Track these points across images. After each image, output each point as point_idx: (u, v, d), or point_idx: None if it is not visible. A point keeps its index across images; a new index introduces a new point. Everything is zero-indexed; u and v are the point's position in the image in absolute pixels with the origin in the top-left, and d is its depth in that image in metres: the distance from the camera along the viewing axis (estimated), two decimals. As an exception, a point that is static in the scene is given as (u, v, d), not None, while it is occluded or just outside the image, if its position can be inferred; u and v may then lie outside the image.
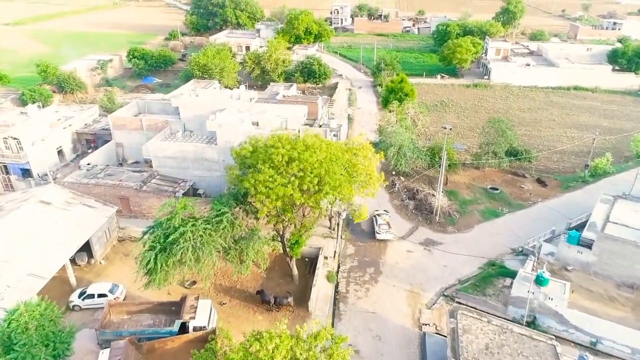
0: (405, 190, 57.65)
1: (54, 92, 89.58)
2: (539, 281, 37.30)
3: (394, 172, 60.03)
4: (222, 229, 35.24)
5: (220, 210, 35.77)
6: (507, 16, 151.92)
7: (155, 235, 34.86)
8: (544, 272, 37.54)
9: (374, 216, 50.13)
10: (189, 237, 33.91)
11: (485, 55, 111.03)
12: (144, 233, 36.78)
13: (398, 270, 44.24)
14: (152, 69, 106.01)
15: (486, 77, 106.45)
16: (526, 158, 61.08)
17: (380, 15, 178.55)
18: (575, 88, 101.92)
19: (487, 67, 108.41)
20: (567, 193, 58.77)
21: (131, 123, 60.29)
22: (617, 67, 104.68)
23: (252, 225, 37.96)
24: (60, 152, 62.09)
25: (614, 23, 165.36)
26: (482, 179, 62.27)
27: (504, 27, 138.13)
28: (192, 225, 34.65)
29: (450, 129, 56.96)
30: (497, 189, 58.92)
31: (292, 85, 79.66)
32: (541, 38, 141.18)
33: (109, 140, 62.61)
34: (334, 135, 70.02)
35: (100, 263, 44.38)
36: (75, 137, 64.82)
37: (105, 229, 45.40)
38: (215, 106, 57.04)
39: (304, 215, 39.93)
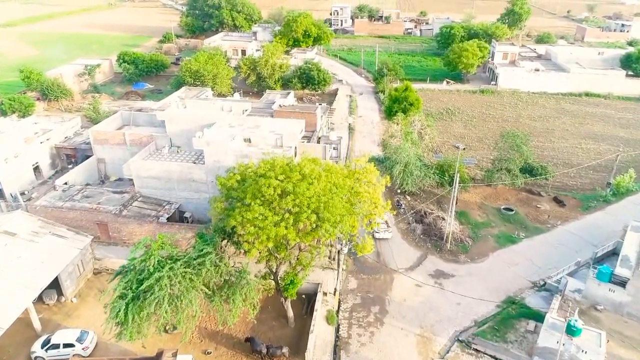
0: (411, 211, 52.80)
1: (38, 99, 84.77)
2: (570, 330, 32.49)
3: (399, 191, 55.17)
4: (205, 273, 30.36)
5: (202, 250, 30.86)
6: (512, 18, 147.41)
7: (127, 281, 29.97)
8: (575, 320, 32.70)
9: None
10: (166, 284, 29.02)
11: (492, 60, 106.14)
12: (117, 274, 31.92)
13: (406, 309, 39.39)
14: (143, 74, 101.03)
15: (493, 82, 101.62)
16: (543, 176, 56.14)
17: (381, 17, 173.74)
18: (587, 94, 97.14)
19: (494, 72, 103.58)
20: (587, 214, 53.94)
21: (113, 137, 55.41)
22: (630, 73, 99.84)
23: (242, 263, 33.02)
24: (36, 169, 57.29)
25: (622, 25, 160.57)
26: (495, 197, 57.44)
27: (510, 30, 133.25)
28: (170, 268, 29.76)
29: (464, 148, 52.31)
30: (511, 210, 54.09)
31: (289, 93, 74.80)
32: (548, 40, 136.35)
33: (91, 156, 57.79)
34: (334, 148, 65.27)
35: (72, 301, 39.50)
36: (54, 152, 60.00)
37: (78, 261, 40.52)
38: (204, 120, 52.20)
39: (300, 249, 35.09)
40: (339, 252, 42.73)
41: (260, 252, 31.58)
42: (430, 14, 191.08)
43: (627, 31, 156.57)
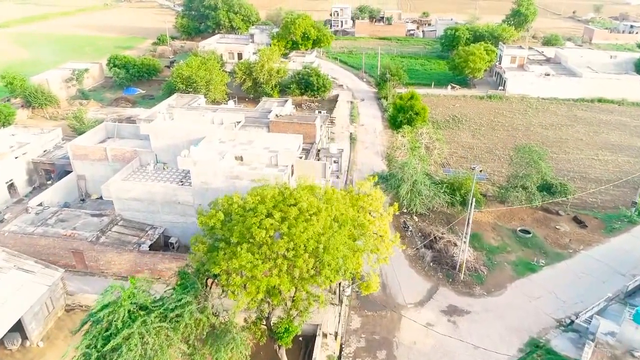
0: (420, 234, 48.23)
1: (22, 107, 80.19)
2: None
3: (405, 210, 50.54)
4: (184, 327, 25.81)
5: (181, 300, 26.27)
6: (518, 19, 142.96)
7: (92, 337, 25.41)
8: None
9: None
10: (136, 344, 24.46)
11: (500, 64, 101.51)
12: (83, 323, 27.38)
13: (417, 354, 34.80)
14: (134, 78, 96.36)
15: (501, 87, 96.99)
16: (563, 196, 51.52)
17: (383, 18, 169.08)
18: (600, 100, 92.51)
19: (501, 76, 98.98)
20: (612, 237, 49.35)
21: (94, 153, 50.81)
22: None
23: (228, 311, 28.43)
24: (11, 186, 52.72)
25: (631, 26, 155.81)
26: (509, 217, 52.82)
27: (516, 31, 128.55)
28: (143, 322, 25.20)
29: (480, 170, 47.67)
30: (528, 232, 49.50)
31: (286, 100, 70.18)
32: (556, 43, 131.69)
33: (72, 171, 53.21)
34: (335, 161, 60.74)
35: (38, 345, 34.92)
36: (32, 167, 55.43)
37: (46, 299, 35.96)
38: (192, 134, 47.62)
39: (296, 289, 30.49)
40: (340, 283, 38.17)
41: (248, 302, 26.97)
42: (432, 14, 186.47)
43: (637, 33, 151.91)
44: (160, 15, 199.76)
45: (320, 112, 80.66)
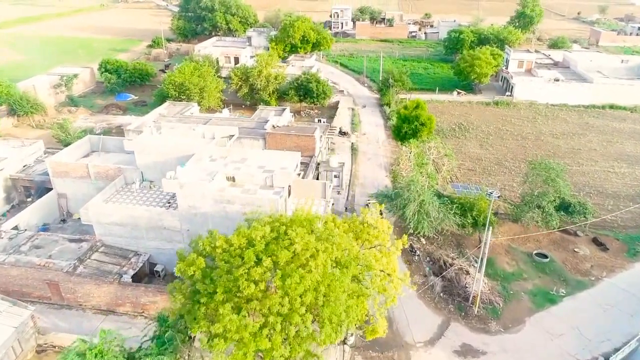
0: (428, 259, 44.43)
1: (7, 115, 76.34)
2: None
3: (412, 232, 46.66)
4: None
5: (156, 360, 22.49)
6: (523, 20, 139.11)
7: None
8: None
9: (366, 205, 49.91)
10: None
11: (506, 68, 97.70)
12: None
13: (428, 405, 31.04)
14: (126, 84, 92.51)
15: (508, 93, 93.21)
16: (581, 214, 47.68)
17: (384, 19, 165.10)
18: (612, 107, 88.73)
19: (508, 81, 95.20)
20: (636, 262, 45.51)
21: (75, 170, 46.96)
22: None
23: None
24: (-14, 206, 48.96)
25: (639, 28, 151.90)
26: (524, 238, 48.96)
27: (522, 33, 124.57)
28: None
29: (499, 196, 43.83)
30: (545, 257, 45.70)
31: (284, 109, 66.38)
32: (563, 45, 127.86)
33: (52, 188, 49.42)
34: (335, 176, 57.04)
35: (3, 396, 31.18)
36: (10, 184, 51.61)
37: (13, 342, 32.14)
38: (181, 150, 43.83)
39: (291, 349, 26.56)
40: (344, 342, 34.03)
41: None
42: (434, 15, 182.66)
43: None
44: (156, 17, 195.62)
45: (320, 120, 77.02)
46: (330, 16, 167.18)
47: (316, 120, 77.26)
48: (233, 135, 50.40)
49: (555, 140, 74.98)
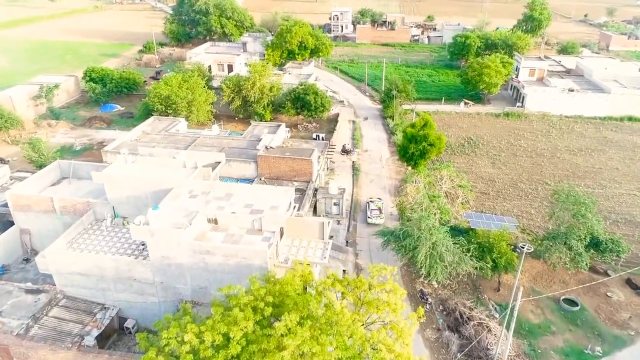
0: (441, 308, 38.72)
1: (-20, 129, 70.71)
2: None
3: (421, 276, 40.95)
4: None
5: None
6: (531, 24, 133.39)
7: None
8: None
9: (367, 202, 53.62)
10: None
11: (517, 77, 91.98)
12: None
13: None
14: (112, 94, 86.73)
15: (519, 104, 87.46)
16: (614, 253, 41.97)
17: (385, 22, 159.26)
18: (630, 119, 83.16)
19: (519, 91, 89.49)
20: (679, 310, 39.90)
21: (39, 203, 41.19)
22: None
23: None
24: (-61, 243, 43.08)
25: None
26: (548, 278, 43.34)
27: (529, 38, 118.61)
28: None
29: (530, 250, 37.97)
30: (575, 303, 40.00)
31: (279, 126, 60.61)
32: (573, 51, 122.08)
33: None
34: (335, 204, 51.31)
35: None
36: (-32, 216, 45.85)
37: None
38: (157, 184, 38.16)
39: None
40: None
41: None
42: (437, 17, 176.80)
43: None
44: (151, 19, 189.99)
45: (319, 136, 71.35)
46: (330, 19, 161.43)
47: (314, 135, 71.55)
48: (220, 162, 44.59)
49: (573, 158, 69.26)
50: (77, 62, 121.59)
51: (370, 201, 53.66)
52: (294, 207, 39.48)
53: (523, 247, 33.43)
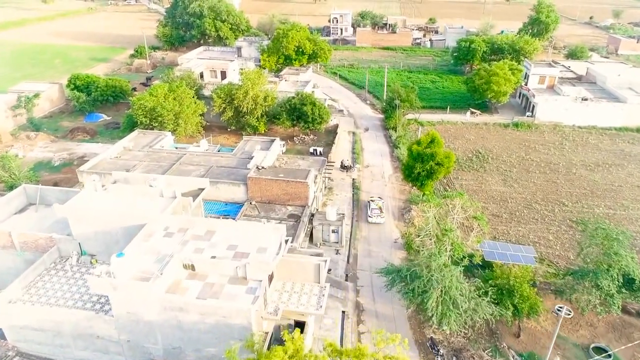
0: (454, 361, 33.77)
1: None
2: None
3: (432, 317, 35.88)
4: None
5: None
6: (537, 27, 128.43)
7: None
8: None
9: (368, 201, 53.48)
10: None
11: (526, 85, 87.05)
12: None
13: None
14: (97, 103, 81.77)
15: (529, 113, 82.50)
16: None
17: (386, 24, 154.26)
18: (647, 129, 78.32)
19: (528, 99, 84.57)
20: None
21: (-5, 238, 36.30)
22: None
23: None
24: None
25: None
26: (573, 321, 38.31)
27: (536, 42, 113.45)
28: None
29: (569, 314, 32.95)
30: (607, 353, 35.05)
31: (273, 141, 55.79)
32: (581, 55, 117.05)
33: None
34: (333, 231, 46.43)
35: None
36: None
37: None
38: (129, 218, 33.21)
39: None
40: None
41: None
42: (439, 20, 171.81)
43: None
44: (146, 21, 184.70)
45: (316, 150, 66.45)
46: (329, 21, 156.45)
47: (311, 150, 66.60)
48: (204, 189, 39.60)
49: (590, 174, 64.29)
50: (65, 67, 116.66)
51: (371, 200, 53.36)
52: (287, 240, 34.42)
53: (560, 310, 28.26)
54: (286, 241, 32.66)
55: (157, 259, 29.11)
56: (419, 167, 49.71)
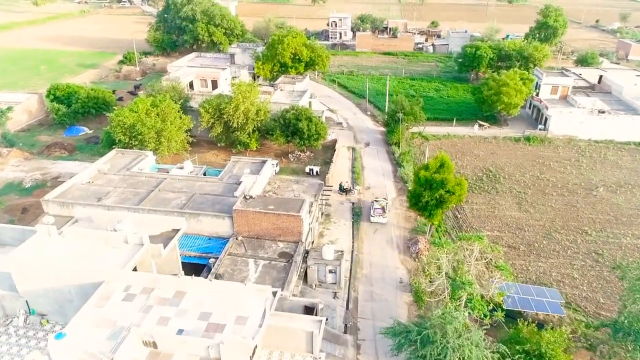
0: None
1: None
2: None
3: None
4: None
5: None
6: (545, 32, 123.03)
7: None
8: None
9: (372, 202, 53.11)
10: None
11: (537, 95, 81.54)
12: None
13: None
14: (78, 115, 76.15)
15: (541, 126, 77.05)
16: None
17: (386, 28, 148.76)
18: (669, 144, 72.86)
19: (539, 110, 79.08)
20: None
21: None
22: None
23: None
24: None
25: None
26: (611, 385, 32.81)
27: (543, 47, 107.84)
28: None
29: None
30: None
31: (265, 163, 50.25)
32: (592, 62, 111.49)
33: None
34: (331, 271, 40.93)
35: None
36: None
37: None
38: (84, 275, 27.57)
39: None
40: None
41: None
42: (441, 23, 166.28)
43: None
44: (139, 24, 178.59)
45: (312, 170, 60.95)
46: (328, 25, 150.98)
47: (307, 169, 61.09)
48: (179, 230, 33.91)
49: (613, 197, 58.75)
50: (51, 74, 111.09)
51: (375, 200, 53.39)
52: (276, 292, 28.66)
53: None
54: (274, 293, 27.09)
55: (112, 333, 23.50)
56: (427, 196, 44.12)
